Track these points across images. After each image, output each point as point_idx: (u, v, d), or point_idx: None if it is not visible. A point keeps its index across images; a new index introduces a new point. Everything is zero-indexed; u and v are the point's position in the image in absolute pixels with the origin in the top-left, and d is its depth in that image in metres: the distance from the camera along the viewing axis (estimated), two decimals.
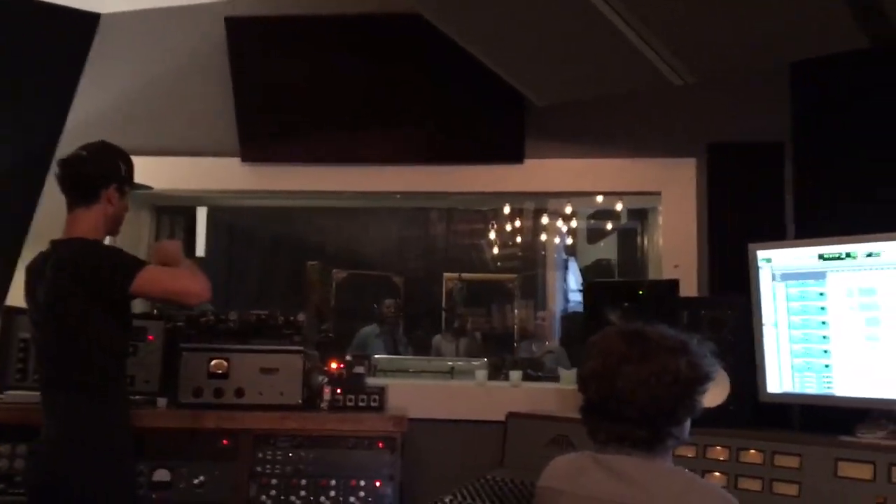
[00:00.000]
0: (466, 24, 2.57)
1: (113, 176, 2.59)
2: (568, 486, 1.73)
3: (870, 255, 2.40)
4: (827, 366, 2.49)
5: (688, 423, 1.74)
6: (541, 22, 2.48)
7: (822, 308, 2.49)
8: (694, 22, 2.39)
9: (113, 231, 2.68)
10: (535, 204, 6.22)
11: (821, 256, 2.50)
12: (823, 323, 2.49)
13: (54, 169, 2.59)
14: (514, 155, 3.43)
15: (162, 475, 2.73)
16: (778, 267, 2.59)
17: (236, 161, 3.52)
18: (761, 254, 2.63)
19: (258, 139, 3.50)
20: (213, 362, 2.89)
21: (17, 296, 3.34)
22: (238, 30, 3.41)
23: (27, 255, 3.45)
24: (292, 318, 2.98)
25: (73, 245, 2.48)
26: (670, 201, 3.37)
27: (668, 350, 1.68)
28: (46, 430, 2.43)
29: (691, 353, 1.69)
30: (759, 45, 2.54)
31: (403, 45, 3.31)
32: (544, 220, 6.50)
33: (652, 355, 1.66)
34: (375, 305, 6.64)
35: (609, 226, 6.55)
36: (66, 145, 3.56)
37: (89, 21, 3.62)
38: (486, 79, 2.92)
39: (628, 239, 5.99)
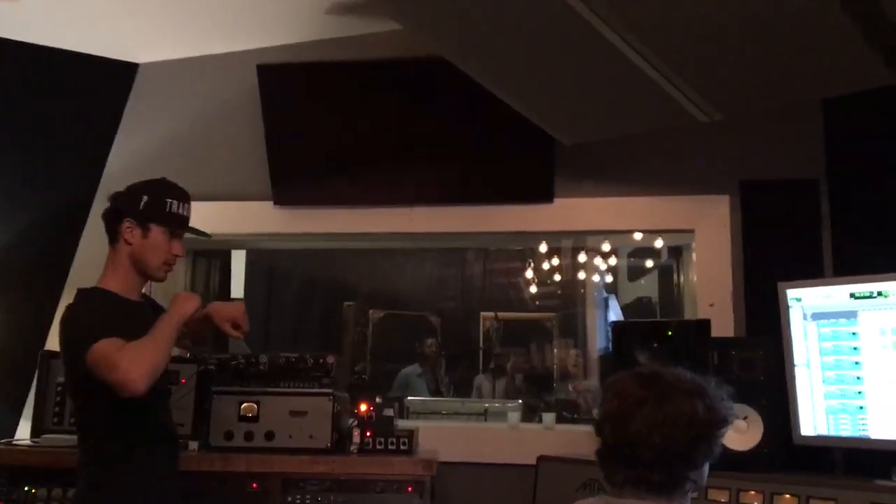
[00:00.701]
0: (488, 67, 2.59)
1: (126, 210, 2.38)
2: None
3: None
4: (861, 407, 2.42)
5: (706, 468, 1.71)
6: (563, 63, 2.49)
7: (855, 348, 2.44)
8: (717, 61, 2.38)
9: (145, 274, 2.42)
10: (574, 242, 6.18)
11: (852, 295, 2.45)
12: (857, 363, 2.43)
13: None
14: (543, 194, 3.44)
15: None
16: (808, 306, 2.55)
17: (269, 205, 3.57)
18: (791, 293, 2.58)
19: (290, 183, 3.55)
20: (244, 405, 2.92)
21: (54, 341, 3.43)
22: (269, 77, 3.48)
23: (65, 303, 3.54)
24: (322, 360, 2.99)
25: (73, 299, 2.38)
26: (703, 239, 3.34)
27: (684, 392, 1.65)
28: None
29: (708, 395, 1.66)
30: (783, 84, 2.51)
31: (430, 87, 3.35)
32: (582, 257, 6.45)
33: (668, 398, 1.64)
34: (417, 345, 6.64)
35: (649, 263, 6.47)
36: (104, 193, 3.65)
37: (127, 71, 3.74)
38: (514, 119, 2.93)
39: (668, 276, 5.92)
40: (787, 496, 2.28)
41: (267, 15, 3.42)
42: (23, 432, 3.32)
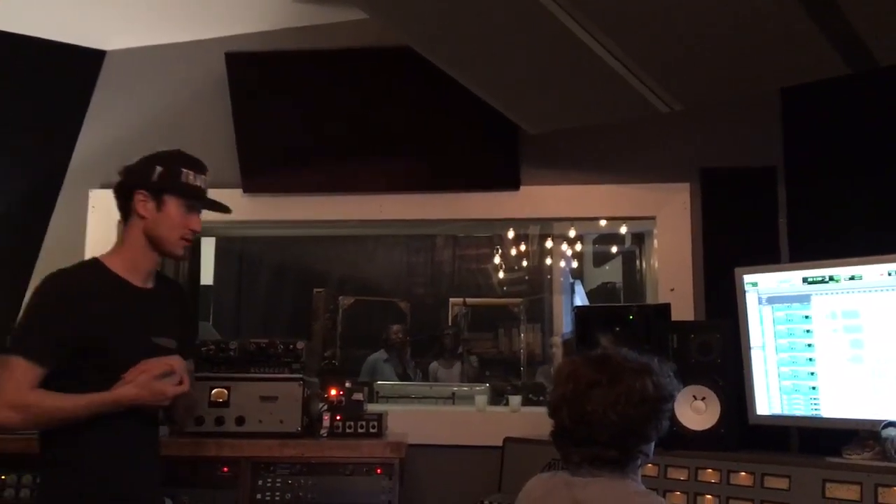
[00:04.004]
0: (455, 56, 2.63)
1: (139, 182, 2.25)
2: None
3: (852, 277, 2.44)
4: (814, 388, 2.51)
5: (654, 441, 1.80)
6: (528, 55, 2.54)
7: (808, 331, 2.53)
8: (676, 53, 2.44)
9: (162, 250, 2.28)
10: (540, 229, 6.26)
11: (805, 280, 2.54)
12: (809, 345, 2.53)
13: None
14: (509, 182, 3.49)
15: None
16: (764, 290, 2.63)
17: (238, 192, 3.58)
18: (747, 278, 2.67)
19: (259, 171, 3.57)
20: (214, 391, 2.94)
21: None
22: (238, 65, 3.49)
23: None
24: (292, 346, 3.01)
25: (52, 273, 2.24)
26: (664, 225, 3.41)
27: (633, 372, 1.74)
28: None
29: (655, 373, 1.76)
30: (742, 75, 2.58)
31: (398, 76, 3.38)
32: (549, 244, 6.53)
33: (619, 378, 1.73)
34: (383, 331, 6.68)
35: (614, 249, 6.57)
36: (72, 179, 3.67)
37: (95, 58, 3.72)
38: (480, 108, 2.97)
39: (631, 262, 6.03)
40: (743, 474, 2.37)
41: (235, 3, 3.41)
42: None
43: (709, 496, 2.40)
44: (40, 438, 2.20)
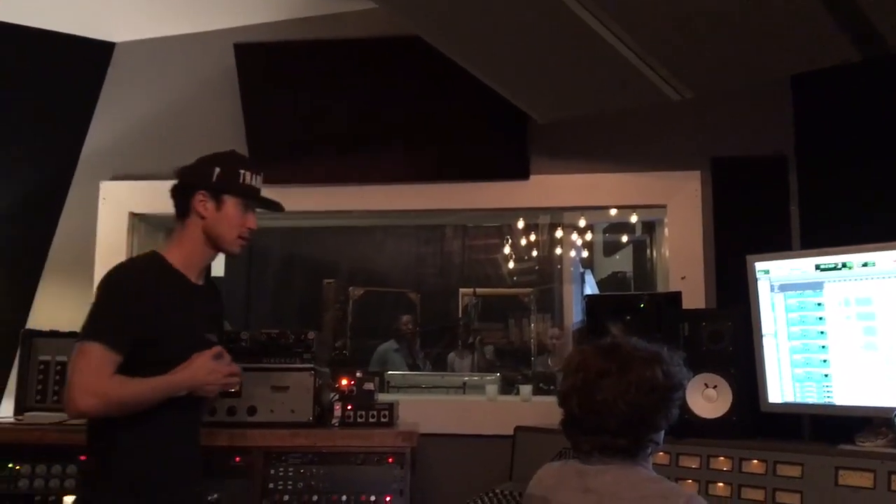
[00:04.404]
0: (464, 45, 2.62)
1: (199, 183, 2.32)
2: (549, 494, 1.82)
3: (865, 264, 2.42)
4: (826, 375, 2.50)
5: (664, 430, 1.80)
6: (538, 43, 2.53)
7: (821, 318, 2.52)
8: (687, 41, 2.42)
9: (220, 248, 2.37)
10: (550, 218, 6.24)
11: (818, 267, 2.52)
12: (822, 333, 2.51)
13: None
14: (519, 171, 3.49)
15: None
16: (776, 278, 2.62)
17: None
18: (759, 265, 2.65)
19: (268, 161, 3.52)
20: None
21: (36, 319, 3.45)
22: (247, 55, 3.50)
23: (45, 282, 3.56)
24: (303, 336, 3.02)
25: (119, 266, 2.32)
26: (675, 214, 3.40)
27: (643, 361, 1.74)
28: None
29: (665, 361, 1.76)
30: (752, 62, 2.57)
31: (407, 66, 3.38)
32: (559, 233, 6.52)
33: (629, 367, 1.73)
34: (393, 321, 6.70)
35: (625, 238, 6.55)
36: (83, 171, 3.68)
37: (104, 50, 3.73)
38: (490, 97, 2.97)
39: (642, 251, 6.01)
40: (756, 461, 2.37)
41: None
42: (6, 411, 3.34)
43: (721, 484, 2.40)
44: (88, 427, 2.25)
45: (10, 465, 2.82)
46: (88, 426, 2.25)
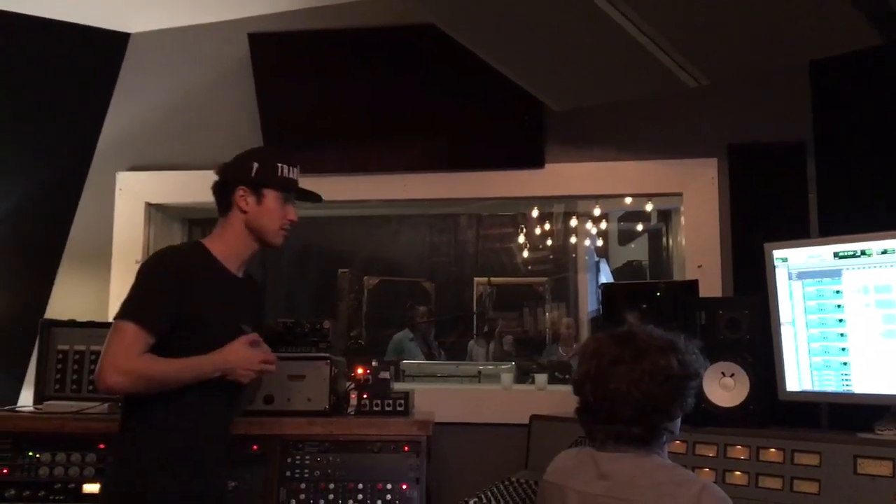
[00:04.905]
0: (479, 34, 2.60)
1: (239, 178, 2.38)
2: (565, 481, 1.82)
3: (884, 252, 2.40)
4: (845, 363, 2.48)
5: (680, 419, 1.79)
6: (552, 29, 2.51)
7: (839, 306, 2.49)
8: (703, 26, 2.40)
9: (263, 241, 2.43)
10: (565, 207, 6.22)
11: (836, 255, 2.50)
12: (840, 321, 2.49)
13: None
14: (534, 160, 3.47)
15: None
16: (794, 266, 2.60)
17: None
18: (777, 253, 2.63)
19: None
20: None
21: (54, 309, 3.48)
22: (261, 45, 3.50)
23: (63, 272, 3.59)
24: (318, 325, 3.04)
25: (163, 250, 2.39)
26: (692, 202, 3.38)
27: (658, 349, 1.74)
28: None
29: (680, 350, 1.75)
30: (770, 47, 2.54)
31: (422, 54, 3.37)
32: (573, 222, 6.50)
33: (643, 355, 1.72)
34: (407, 311, 6.72)
35: (640, 227, 6.53)
36: (99, 162, 3.70)
37: (120, 41, 3.74)
38: (505, 85, 2.95)
39: (657, 240, 5.98)
40: (773, 450, 2.35)
41: None
42: (25, 399, 3.38)
43: (738, 472, 2.39)
44: (123, 406, 2.31)
45: (31, 454, 2.84)
46: (123, 405, 2.31)
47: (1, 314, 3.39)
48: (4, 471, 2.83)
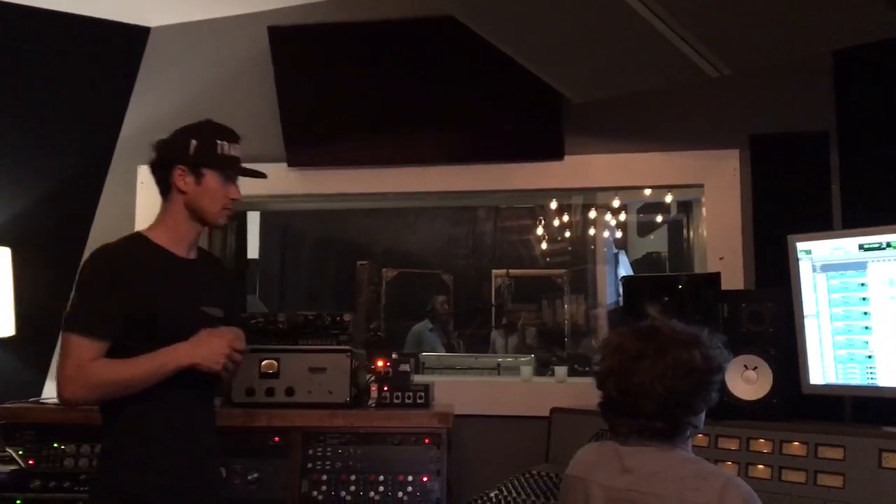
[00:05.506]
0: (498, 25, 2.59)
1: (176, 157, 2.26)
2: (588, 475, 1.81)
3: None
4: (870, 356, 2.46)
5: (704, 413, 1.78)
6: (572, 20, 2.49)
7: (864, 299, 2.47)
8: (726, 15, 2.37)
9: (204, 221, 2.31)
10: (584, 198, 6.21)
11: (861, 247, 2.47)
12: (865, 314, 2.46)
13: None
14: (554, 152, 3.45)
15: None
16: (818, 258, 2.57)
17: (283, 166, 3.61)
18: (801, 245, 2.61)
19: (303, 144, 3.58)
20: (264, 363, 2.98)
21: None
22: (280, 38, 3.50)
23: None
24: (339, 318, 3.05)
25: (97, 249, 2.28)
26: (713, 193, 3.35)
27: (681, 343, 1.73)
28: None
29: (704, 344, 1.74)
30: (793, 36, 2.51)
31: (441, 46, 3.35)
32: (592, 214, 6.49)
33: (666, 349, 1.71)
34: (428, 301, 6.73)
35: (659, 218, 6.50)
36: (121, 156, 3.72)
37: (139, 35, 3.76)
38: (523, 77, 2.93)
39: (677, 231, 5.95)
40: (797, 444, 2.33)
41: None
42: (49, 392, 3.41)
43: (761, 466, 2.37)
44: (101, 413, 2.23)
45: (56, 445, 2.89)
46: (100, 409, 2.23)
47: (24, 307, 3.42)
48: (30, 462, 2.87)
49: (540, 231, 7.20)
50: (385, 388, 3.01)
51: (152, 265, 2.23)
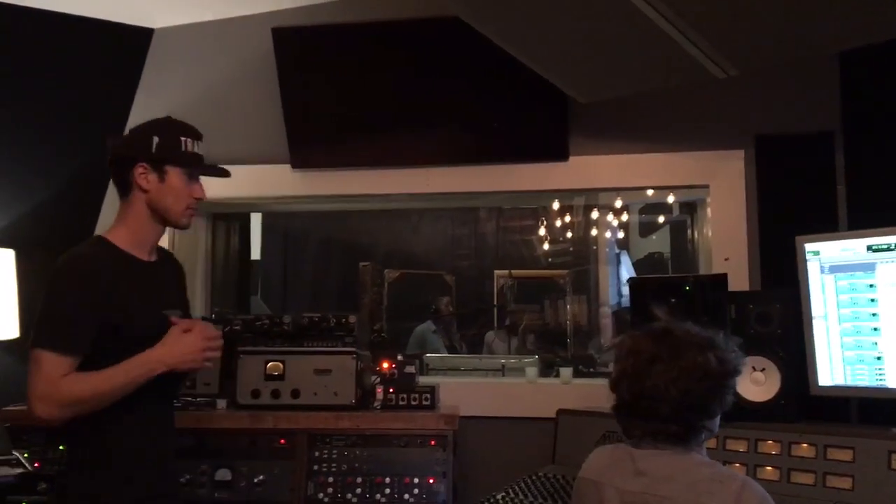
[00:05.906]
0: (503, 26, 2.59)
1: (137, 154, 2.14)
2: (602, 478, 1.81)
3: None
4: (879, 357, 2.45)
5: (719, 416, 1.77)
6: (578, 21, 2.49)
7: (873, 300, 2.46)
8: (733, 15, 2.37)
9: (167, 221, 2.21)
10: (586, 199, 6.21)
11: (869, 248, 2.46)
12: (874, 315, 2.45)
13: None
14: (558, 152, 3.45)
15: (223, 474, 2.84)
16: (826, 259, 2.57)
17: (287, 168, 3.60)
18: (809, 246, 2.60)
19: (307, 146, 3.58)
20: (269, 364, 2.98)
21: None
22: (284, 39, 3.49)
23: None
24: (344, 319, 3.05)
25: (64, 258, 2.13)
26: (718, 194, 3.35)
27: (696, 346, 1.72)
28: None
29: (718, 347, 1.73)
30: (801, 38, 2.51)
31: (446, 47, 3.35)
32: (594, 214, 6.48)
33: (680, 352, 1.70)
34: (431, 302, 6.73)
35: (661, 219, 6.51)
36: None
37: (143, 36, 3.75)
38: (528, 77, 2.93)
39: (680, 232, 5.95)
40: (805, 445, 2.33)
41: None
42: None
43: (769, 468, 2.37)
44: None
45: (62, 448, 2.84)
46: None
47: (28, 309, 3.41)
48: (36, 465, 2.86)
49: (542, 231, 7.19)
50: (391, 390, 3.01)
51: (117, 271, 2.13)
